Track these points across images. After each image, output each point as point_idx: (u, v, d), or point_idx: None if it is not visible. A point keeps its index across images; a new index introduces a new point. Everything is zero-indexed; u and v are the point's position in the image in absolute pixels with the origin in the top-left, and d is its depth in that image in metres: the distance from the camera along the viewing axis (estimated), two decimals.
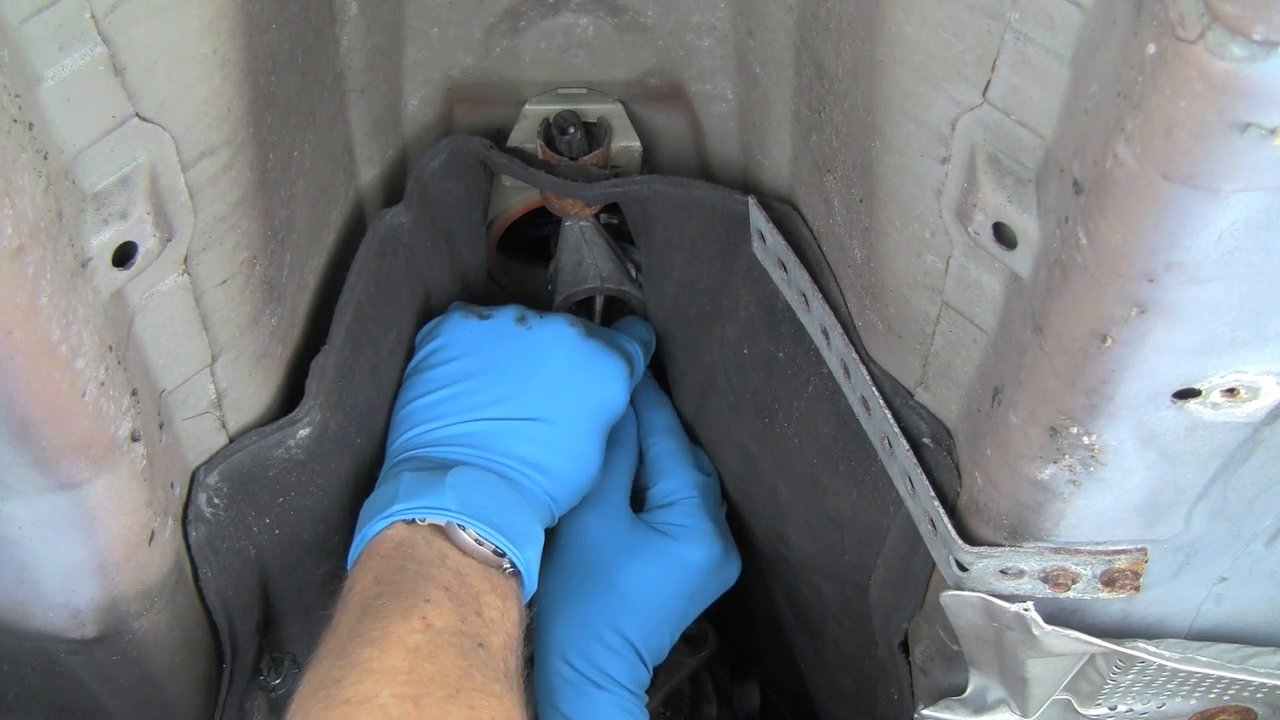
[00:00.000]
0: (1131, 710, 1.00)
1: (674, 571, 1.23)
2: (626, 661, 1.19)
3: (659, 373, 1.39)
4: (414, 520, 1.02)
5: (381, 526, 1.02)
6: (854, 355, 0.97)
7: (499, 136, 1.21)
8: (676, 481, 1.29)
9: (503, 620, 0.99)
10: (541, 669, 1.19)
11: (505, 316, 1.20)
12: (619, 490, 1.26)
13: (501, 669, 0.95)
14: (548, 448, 1.13)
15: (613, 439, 1.28)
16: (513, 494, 1.08)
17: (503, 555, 1.02)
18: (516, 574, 1.04)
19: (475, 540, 1.01)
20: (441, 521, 1.02)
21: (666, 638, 1.24)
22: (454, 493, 1.02)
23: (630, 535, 1.23)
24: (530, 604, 1.09)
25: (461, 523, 1.01)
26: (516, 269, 1.44)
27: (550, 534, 1.24)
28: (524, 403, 1.14)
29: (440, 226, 1.20)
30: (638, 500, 1.31)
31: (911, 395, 0.94)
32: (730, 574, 1.29)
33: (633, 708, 1.18)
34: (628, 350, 1.24)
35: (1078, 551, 0.84)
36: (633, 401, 1.34)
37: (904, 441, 0.92)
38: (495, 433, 1.12)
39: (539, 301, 1.47)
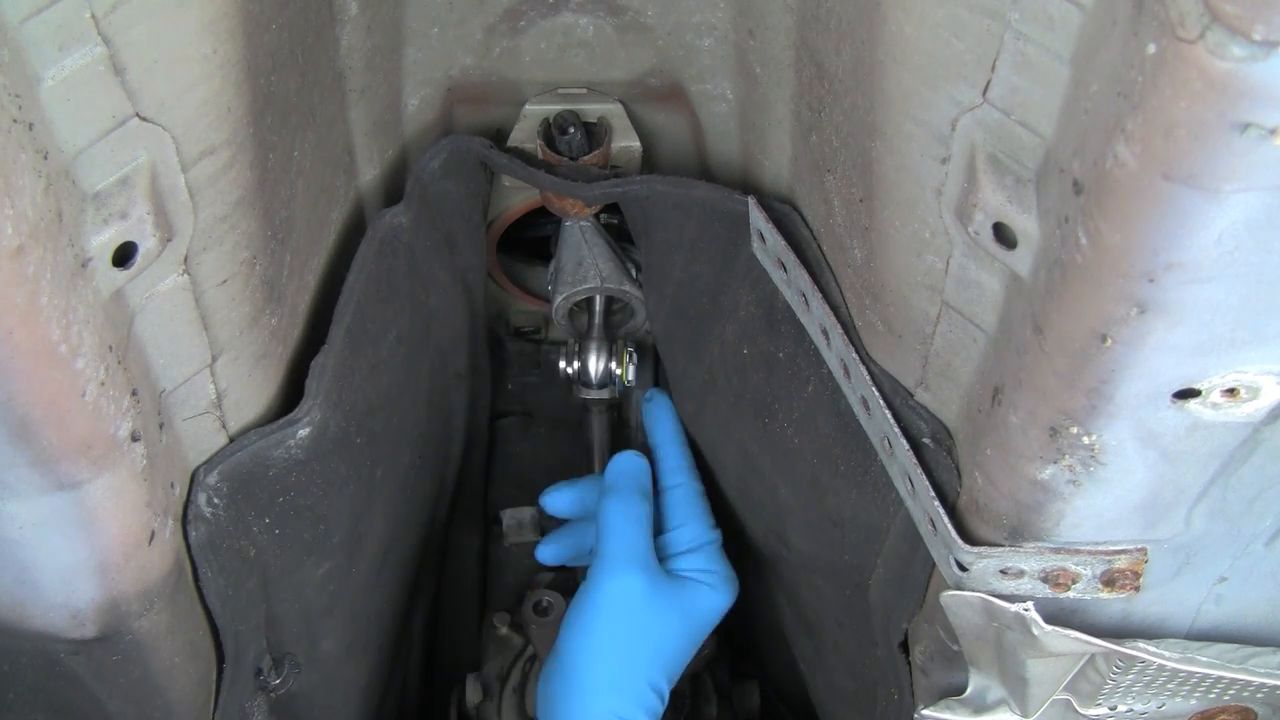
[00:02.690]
0: (1131, 710, 1.00)
1: (707, 619, 1.31)
2: (653, 708, 1.25)
3: (659, 373, 1.39)
4: None
5: None
6: (854, 355, 0.97)
7: (499, 136, 1.21)
8: (699, 527, 1.34)
9: None
10: None
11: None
12: (647, 544, 1.30)
13: None
14: None
15: (637, 491, 1.33)
16: None
17: None
18: None
19: None
20: None
21: (682, 669, 1.32)
22: None
23: (669, 590, 1.29)
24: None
25: None
26: (516, 269, 1.44)
27: (578, 586, 1.30)
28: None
29: (440, 226, 1.20)
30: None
31: (911, 395, 0.94)
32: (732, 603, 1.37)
33: None
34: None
35: (1078, 551, 0.84)
36: (650, 438, 1.38)
37: (904, 441, 0.92)
38: None
39: (538, 302, 1.46)
